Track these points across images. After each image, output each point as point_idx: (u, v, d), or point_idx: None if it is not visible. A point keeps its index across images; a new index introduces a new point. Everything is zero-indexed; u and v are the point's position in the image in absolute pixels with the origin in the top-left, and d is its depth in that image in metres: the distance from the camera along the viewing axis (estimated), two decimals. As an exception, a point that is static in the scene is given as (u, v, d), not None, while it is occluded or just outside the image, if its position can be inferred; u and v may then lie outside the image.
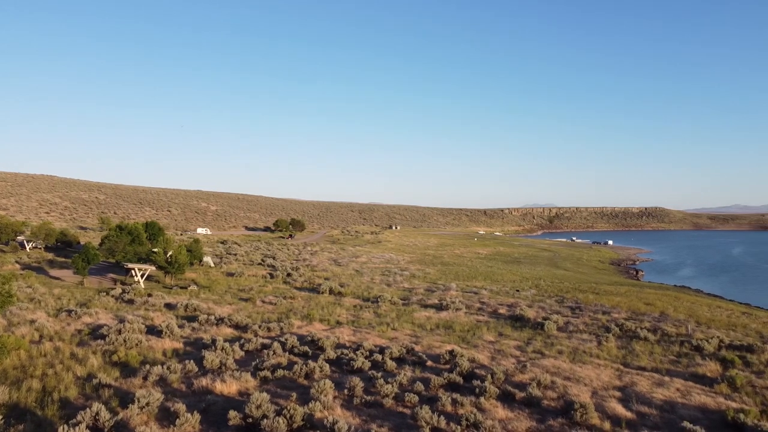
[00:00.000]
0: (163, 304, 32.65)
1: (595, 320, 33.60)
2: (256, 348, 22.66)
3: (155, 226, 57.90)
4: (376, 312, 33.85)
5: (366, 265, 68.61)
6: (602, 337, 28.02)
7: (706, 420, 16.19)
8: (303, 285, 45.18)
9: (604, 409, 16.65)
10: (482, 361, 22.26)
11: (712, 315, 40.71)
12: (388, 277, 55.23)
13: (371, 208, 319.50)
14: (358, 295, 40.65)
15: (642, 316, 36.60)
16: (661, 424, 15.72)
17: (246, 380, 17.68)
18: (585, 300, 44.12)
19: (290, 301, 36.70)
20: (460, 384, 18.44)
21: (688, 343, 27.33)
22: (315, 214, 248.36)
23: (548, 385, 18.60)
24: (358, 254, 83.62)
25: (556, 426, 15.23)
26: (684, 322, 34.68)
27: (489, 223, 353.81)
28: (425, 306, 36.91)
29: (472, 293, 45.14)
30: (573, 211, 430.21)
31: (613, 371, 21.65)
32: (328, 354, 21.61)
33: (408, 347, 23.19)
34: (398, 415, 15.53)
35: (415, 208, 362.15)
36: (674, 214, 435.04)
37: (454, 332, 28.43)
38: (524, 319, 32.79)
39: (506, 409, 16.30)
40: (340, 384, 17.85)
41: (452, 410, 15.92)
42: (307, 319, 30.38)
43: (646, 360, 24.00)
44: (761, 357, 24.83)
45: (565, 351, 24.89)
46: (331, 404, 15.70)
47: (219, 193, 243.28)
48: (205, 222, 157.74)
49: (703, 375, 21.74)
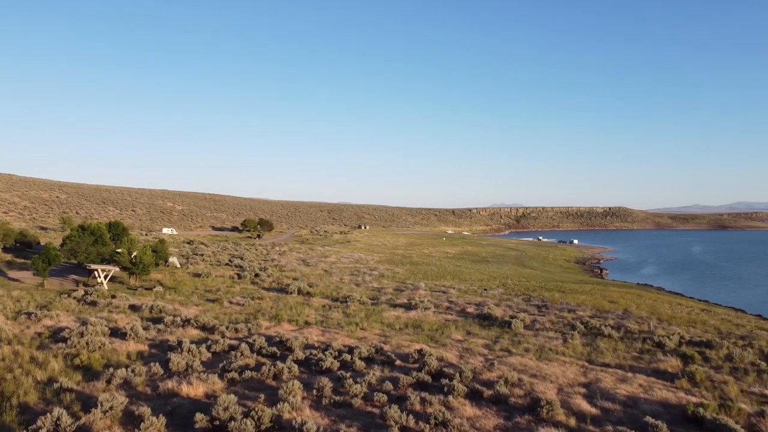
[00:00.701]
0: (128, 305, 32.00)
1: (561, 318, 34.16)
2: (223, 349, 22.41)
3: (119, 226, 56.69)
4: (345, 312, 33.80)
5: (335, 265, 68.41)
6: (568, 335, 28.52)
7: (667, 414, 16.61)
8: (271, 285, 44.82)
9: (570, 405, 16.94)
10: (451, 359, 22.42)
11: (673, 312, 41.79)
12: (357, 276, 55.17)
13: (340, 208, 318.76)
14: (327, 295, 40.51)
15: (606, 313, 37.36)
16: (625, 420, 16.07)
17: (213, 382, 17.46)
18: (551, 298, 44.81)
19: (258, 301, 36.36)
20: (428, 383, 18.55)
21: (651, 339, 28.01)
22: (283, 213, 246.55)
23: (515, 383, 18.84)
24: (327, 254, 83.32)
25: (523, 423, 15.43)
26: (646, 319, 35.52)
27: (457, 223, 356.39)
28: (394, 305, 37.00)
29: (441, 292, 45.41)
30: (539, 211, 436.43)
31: (578, 368, 22.05)
32: (296, 355, 21.50)
33: (377, 347, 23.22)
34: (367, 415, 15.53)
35: (384, 208, 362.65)
36: (637, 214, 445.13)
37: (422, 331, 28.57)
38: (492, 317, 33.14)
39: (474, 407, 16.46)
40: (308, 384, 17.77)
41: (421, 409, 15.99)
42: (275, 319, 30.15)
43: (610, 357, 24.50)
44: (719, 352, 25.60)
45: (531, 349, 25.24)
46: (299, 405, 15.62)
47: (185, 192, 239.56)
48: (170, 222, 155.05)
49: (665, 371, 22.30)
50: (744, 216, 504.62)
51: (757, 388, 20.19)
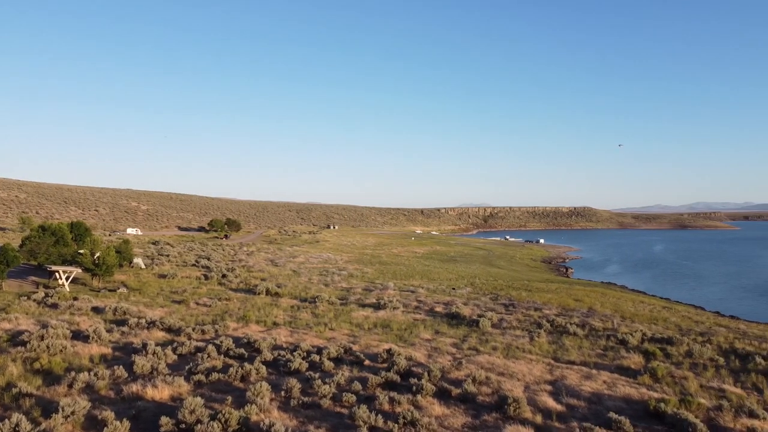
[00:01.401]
0: (90, 307, 31.28)
1: (528, 317, 34.64)
2: (189, 351, 22.08)
3: (81, 226, 55.32)
4: (313, 312, 33.65)
5: (304, 265, 68.05)
6: (534, 333, 28.93)
7: (630, 410, 17.00)
8: (239, 286, 44.34)
9: (536, 402, 17.19)
10: (419, 359, 22.54)
11: (636, 310, 42.78)
12: (326, 277, 54.98)
13: (309, 208, 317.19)
14: (295, 296, 40.27)
15: (571, 311, 38.02)
16: (589, 416, 16.39)
17: (179, 385, 17.19)
18: (518, 297, 45.39)
19: (226, 302, 35.93)
20: (397, 382, 18.60)
21: (614, 337, 28.62)
22: (251, 213, 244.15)
23: (483, 381, 19.03)
24: (296, 254, 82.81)
25: (491, 421, 15.61)
26: (610, 317, 36.28)
27: (426, 223, 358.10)
28: (363, 305, 36.99)
29: (410, 292, 45.57)
30: (507, 211, 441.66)
31: (544, 366, 22.39)
32: (264, 356, 21.32)
33: (346, 347, 23.19)
34: (336, 416, 15.50)
35: (353, 208, 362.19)
36: (601, 214, 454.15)
37: (391, 331, 28.64)
38: (460, 316, 33.41)
39: (442, 405, 16.57)
40: (277, 386, 17.64)
41: (390, 408, 16.03)
42: (243, 320, 29.84)
43: (575, 354, 24.95)
44: (680, 349, 26.32)
45: (499, 347, 25.53)
46: (267, 407, 15.50)
47: (150, 192, 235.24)
48: (135, 222, 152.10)
49: (628, 367, 22.81)
50: (703, 216, 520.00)
51: (715, 383, 20.83)
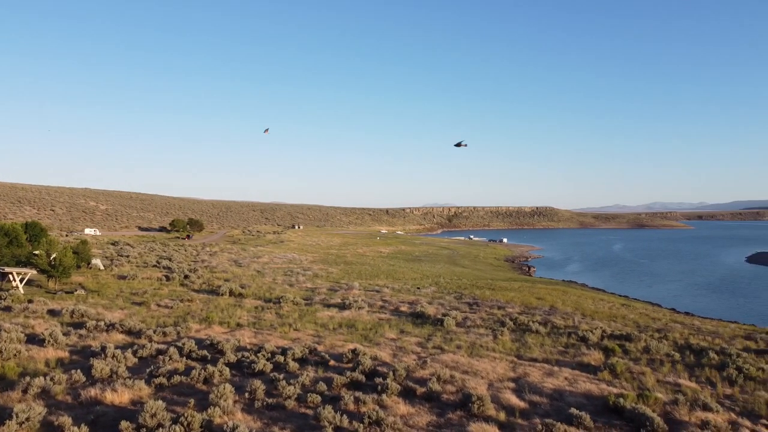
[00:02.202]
0: (46, 310, 30.33)
1: (492, 315, 35.07)
2: (150, 354, 21.64)
3: (37, 226, 53.65)
4: (278, 313, 33.38)
5: (268, 265, 67.42)
6: (498, 331, 29.30)
7: (590, 406, 17.38)
8: (201, 287, 43.65)
9: (500, 400, 17.42)
10: (384, 358, 22.58)
11: (596, 307, 43.76)
12: (291, 277, 54.61)
13: (273, 208, 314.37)
14: (259, 296, 39.87)
15: (534, 310, 38.65)
16: (551, 412, 16.69)
17: (140, 388, 16.83)
18: (482, 296, 45.91)
19: (188, 303, 35.33)
20: (362, 382, 18.60)
21: (575, 334, 29.22)
22: (214, 213, 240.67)
23: (447, 380, 19.18)
24: (260, 254, 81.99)
25: (455, 419, 15.75)
26: (571, 314, 37.02)
27: (391, 222, 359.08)
28: (328, 305, 36.87)
29: (375, 292, 45.63)
30: (471, 211, 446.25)
31: (507, 363, 22.70)
32: (228, 357, 21.05)
33: (311, 347, 23.08)
34: (301, 417, 15.42)
35: (318, 208, 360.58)
36: (563, 213, 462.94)
37: (356, 331, 28.62)
38: (425, 315, 33.60)
39: (408, 404, 16.65)
40: (240, 387, 17.45)
41: (355, 408, 16.03)
42: (205, 322, 29.39)
43: (537, 351, 25.37)
44: (638, 345, 27.04)
45: (463, 346, 25.77)
46: (231, 409, 15.32)
47: (109, 191, 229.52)
48: (93, 222, 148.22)
49: (588, 364, 23.32)
50: (660, 215, 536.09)
51: (671, 378, 21.47)
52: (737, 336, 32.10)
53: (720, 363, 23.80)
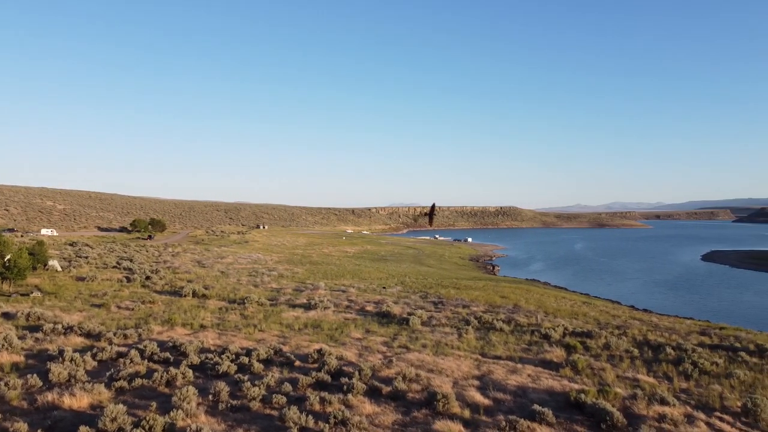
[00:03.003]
0: (0, 313, 29.36)
1: (456, 314, 35.39)
2: (110, 357, 21.14)
3: (-10, 227, 51.87)
4: (242, 314, 33.01)
5: (232, 266, 66.60)
6: (462, 330, 29.58)
7: (553, 402, 17.70)
8: (164, 288, 42.85)
9: (464, 397, 17.59)
10: (350, 358, 22.56)
11: (558, 305, 44.61)
12: (256, 277, 54.07)
13: (237, 208, 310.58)
14: (223, 297, 39.35)
15: (498, 308, 39.17)
16: (515, 408, 16.94)
17: (99, 392, 16.44)
18: (447, 295, 46.29)
19: (149, 305, 34.64)
20: (328, 382, 18.55)
21: (538, 332, 29.71)
22: (177, 213, 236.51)
23: (413, 378, 19.27)
24: (224, 255, 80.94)
25: (420, 417, 15.85)
26: (534, 312, 37.65)
27: (357, 222, 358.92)
28: (293, 306, 36.64)
29: (341, 291, 45.55)
30: (436, 210, 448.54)
31: (472, 362, 22.94)
32: (191, 359, 20.72)
33: (276, 348, 22.90)
34: (265, 418, 15.29)
35: (283, 208, 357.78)
36: (526, 213, 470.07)
37: (322, 331, 28.52)
38: (390, 315, 33.70)
39: (373, 404, 16.67)
40: (204, 390, 17.19)
41: (320, 409, 15.97)
42: (168, 323, 28.86)
43: (501, 349, 25.70)
44: (598, 342, 27.66)
45: (428, 344, 25.94)
46: (194, 411, 15.08)
47: (67, 190, 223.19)
48: (50, 222, 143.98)
49: (551, 360, 23.74)
50: (619, 215, 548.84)
51: (630, 373, 22.04)
52: (693, 332, 33.16)
53: (676, 358, 24.53)
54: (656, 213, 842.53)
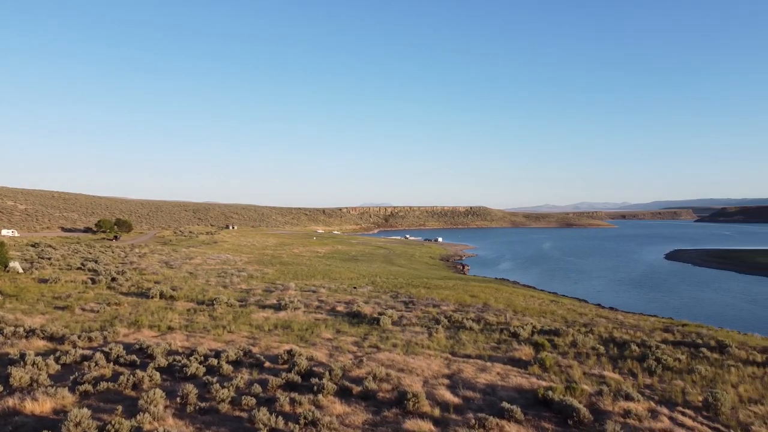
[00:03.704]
0: (-42, 317, 28.43)
1: (427, 313, 35.57)
2: (75, 360, 20.67)
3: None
4: (211, 315, 32.62)
5: (201, 266, 65.74)
6: (433, 329, 29.74)
7: (521, 399, 17.94)
8: (130, 290, 42.06)
9: (435, 396, 17.70)
10: (320, 358, 22.49)
11: (527, 304, 45.20)
12: (225, 278, 53.48)
13: (206, 208, 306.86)
14: (192, 299, 38.82)
15: (468, 307, 39.50)
16: (484, 406, 17.11)
17: (63, 396, 16.05)
18: (417, 294, 46.49)
19: (115, 307, 33.97)
20: (298, 383, 18.47)
21: (507, 330, 30.05)
22: (144, 213, 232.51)
23: (383, 378, 19.31)
24: (192, 255, 79.86)
25: (391, 416, 15.89)
26: (503, 311, 38.08)
27: (328, 222, 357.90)
28: (263, 307, 36.35)
29: (311, 292, 45.35)
30: (407, 210, 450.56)
31: (442, 360, 23.09)
32: (158, 362, 20.39)
33: (245, 349, 22.70)
34: (235, 420, 15.15)
35: (253, 208, 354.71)
36: (495, 213, 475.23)
37: (292, 332, 28.36)
38: (361, 315, 33.69)
39: (344, 404, 16.66)
40: (172, 392, 16.95)
41: (290, 410, 15.90)
42: (134, 325, 28.35)
43: (471, 348, 25.93)
44: (566, 339, 28.13)
45: (399, 344, 26.01)
46: (162, 414, 14.86)
47: (29, 190, 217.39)
48: (11, 222, 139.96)
49: (519, 358, 24.04)
50: (587, 215, 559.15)
51: (596, 370, 22.46)
52: (656, 329, 33.96)
53: (641, 355, 25.08)
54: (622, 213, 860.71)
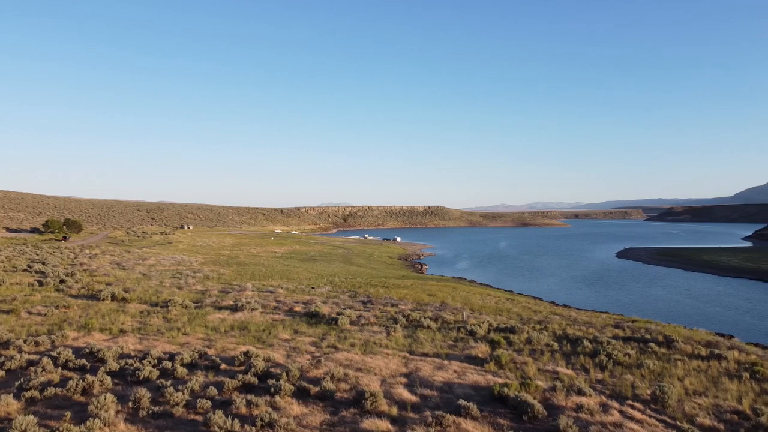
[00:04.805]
0: None
1: (385, 312, 35.66)
2: (20, 366, 19.93)
3: None
4: (165, 317, 31.91)
5: (155, 267, 64.22)
6: (391, 328, 29.85)
7: (477, 396, 18.19)
8: (80, 292, 40.75)
9: (392, 395, 17.78)
10: (278, 359, 22.30)
11: (484, 302, 45.83)
12: (180, 279, 52.39)
13: (160, 207, 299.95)
14: (145, 300, 37.88)
15: (426, 306, 39.78)
16: (441, 404, 17.28)
17: (7, 403, 15.46)
18: (376, 294, 46.57)
19: (64, 310, 32.86)
20: (255, 385, 18.28)
21: (464, 328, 30.40)
22: (95, 213, 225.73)
23: (341, 378, 19.29)
24: (146, 256, 77.94)
25: (348, 416, 15.89)
26: (461, 309, 38.50)
27: (286, 222, 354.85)
28: (220, 308, 35.78)
29: (269, 292, 44.89)
30: (366, 210, 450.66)
31: (400, 359, 23.20)
32: (110, 365, 19.84)
33: (201, 352, 22.31)
34: (189, 423, 14.88)
35: (209, 207, 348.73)
36: (453, 213, 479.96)
37: (249, 333, 28.02)
38: (319, 315, 33.53)
39: (301, 405, 16.57)
40: (124, 397, 16.53)
41: (247, 412, 15.72)
42: (85, 329, 27.49)
43: (428, 346, 26.12)
44: (521, 337, 28.63)
45: (357, 344, 26.00)
46: (113, 420, 14.47)
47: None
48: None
49: (476, 356, 24.35)
50: (541, 214, 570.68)
51: (550, 366, 22.95)
52: (608, 325, 34.92)
53: (593, 350, 25.76)
54: (575, 212, 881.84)
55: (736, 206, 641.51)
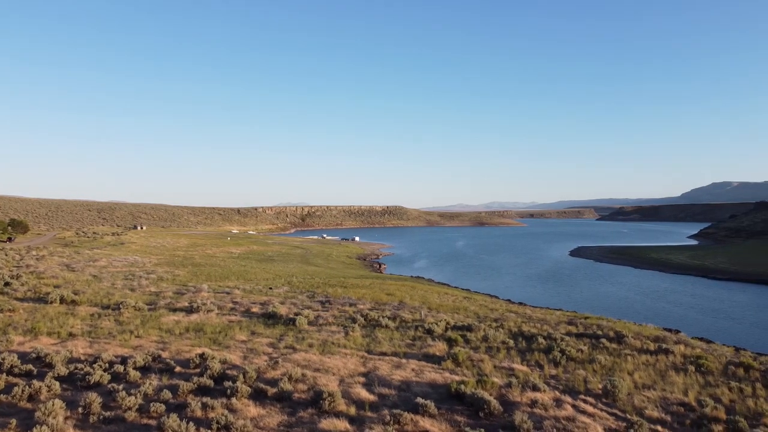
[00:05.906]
0: None
1: (343, 312, 35.62)
2: (-39, 373, 19.09)
3: None
4: (117, 320, 31.06)
5: (106, 269, 62.42)
6: (349, 328, 29.83)
7: (435, 394, 18.38)
8: (26, 295, 39.26)
9: (350, 395, 17.79)
10: (234, 361, 22.02)
11: (441, 301, 46.28)
12: (132, 281, 51.07)
13: (112, 207, 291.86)
14: (96, 303, 36.78)
15: (384, 305, 39.93)
16: (399, 402, 17.38)
17: (-53, 412, 14.81)
18: (334, 294, 46.45)
19: (9, 314, 31.60)
20: (211, 387, 17.99)
21: (422, 327, 30.65)
22: (42, 213, 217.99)
23: (299, 378, 19.18)
24: (97, 258, 75.69)
25: (306, 417, 15.82)
26: (419, 308, 38.79)
27: (243, 222, 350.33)
28: (174, 310, 35.05)
29: (225, 293, 44.23)
30: (324, 210, 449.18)
31: (358, 359, 23.22)
32: (58, 370, 19.20)
33: (154, 354, 21.83)
34: (143, 428, 14.56)
35: (163, 207, 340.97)
36: (411, 212, 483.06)
37: (205, 334, 27.56)
38: (277, 316, 33.24)
39: (258, 406, 16.41)
40: (73, 402, 16.03)
41: (202, 415, 15.47)
42: (31, 333, 26.51)
43: (387, 346, 26.23)
44: (478, 334, 29.06)
45: (315, 344, 25.90)
46: (61, 426, 14.03)
47: None
48: None
49: (434, 354, 24.59)
50: (498, 214, 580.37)
51: (506, 363, 23.38)
52: (561, 322, 35.79)
53: (547, 347, 26.36)
54: (530, 212, 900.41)
55: (683, 206, 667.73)
